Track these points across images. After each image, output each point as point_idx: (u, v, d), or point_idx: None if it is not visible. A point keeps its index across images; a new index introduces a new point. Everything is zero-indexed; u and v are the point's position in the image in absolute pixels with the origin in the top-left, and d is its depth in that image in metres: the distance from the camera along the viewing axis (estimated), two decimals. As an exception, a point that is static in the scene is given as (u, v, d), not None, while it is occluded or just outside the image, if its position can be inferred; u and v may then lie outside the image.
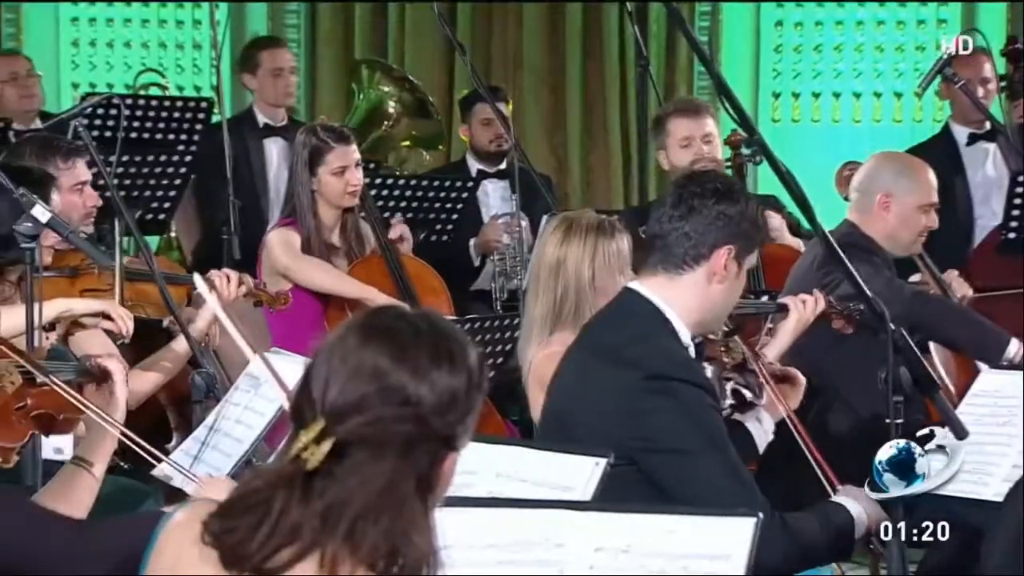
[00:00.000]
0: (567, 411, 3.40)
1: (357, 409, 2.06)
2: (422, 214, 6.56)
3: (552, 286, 4.25)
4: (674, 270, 3.35)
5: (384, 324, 2.10)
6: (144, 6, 8.78)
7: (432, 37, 8.67)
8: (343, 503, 2.06)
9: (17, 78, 7.06)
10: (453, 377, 2.09)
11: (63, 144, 4.82)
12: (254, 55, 7.22)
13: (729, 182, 3.49)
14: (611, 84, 8.68)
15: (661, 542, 2.43)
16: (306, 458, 2.05)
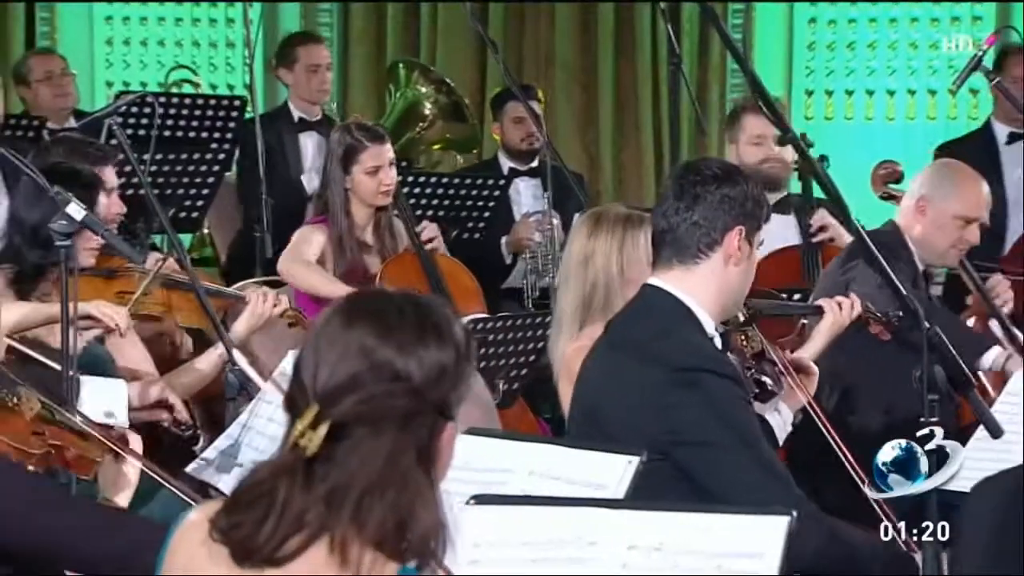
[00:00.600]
0: (596, 408, 3.40)
1: (349, 388, 2.07)
2: (454, 212, 6.56)
3: (581, 279, 4.27)
4: (690, 260, 3.36)
5: (367, 305, 2.12)
6: (177, 5, 8.82)
7: (464, 36, 8.67)
8: (346, 484, 2.06)
9: (52, 77, 7.09)
10: (440, 351, 2.10)
11: (91, 150, 4.83)
12: (292, 50, 7.23)
13: (726, 165, 3.50)
14: (643, 82, 8.67)
15: (694, 540, 2.42)
16: (304, 445, 2.05)
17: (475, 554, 2.54)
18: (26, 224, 4.41)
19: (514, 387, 5.39)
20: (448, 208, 6.56)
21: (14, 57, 8.42)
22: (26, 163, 3.87)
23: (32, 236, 4.38)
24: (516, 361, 5.35)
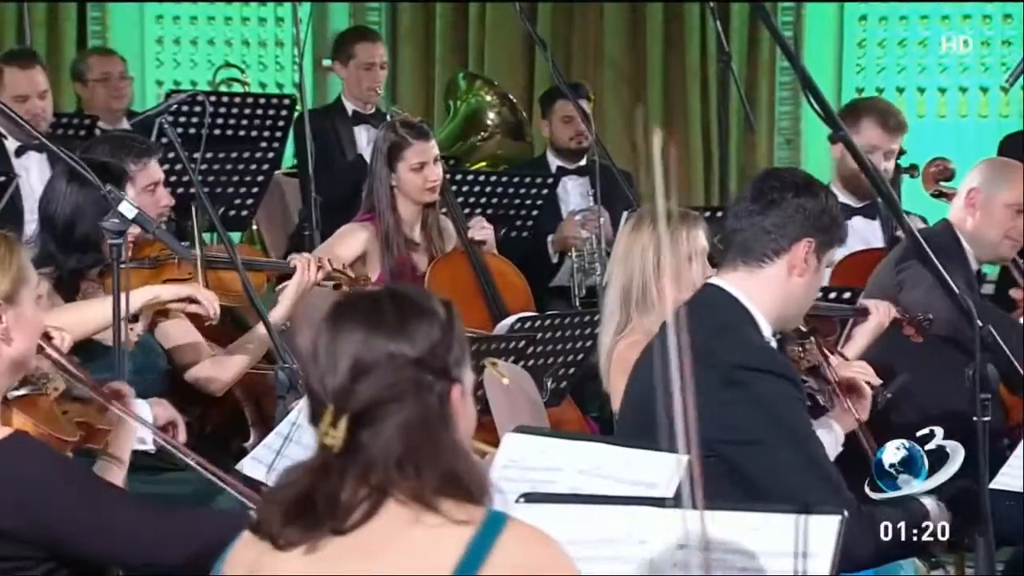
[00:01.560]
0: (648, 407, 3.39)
1: (355, 380, 2.18)
2: (502, 211, 6.56)
3: (623, 274, 4.30)
4: (754, 263, 3.35)
5: (349, 309, 2.25)
6: (227, 4, 8.87)
7: (512, 34, 8.67)
8: (381, 460, 2.16)
9: (109, 79, 7.12)
10: (425, 326, 2.22)
11: (136, 144, 4.86)
12: (348, 46, 7.22)
13: (808, 177, 3.48)
14: (692, 80, 8.65)
15: (745, 539, 2.42)
16: (330, 443, 2.16)
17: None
18: (58, 226, 4.43)
19: (562, 385, 5.38)
20: (496, 206, 6.56)
21: (66, 56, 8.49)
22: (78, 161, 3.89)
23: (65, 238, 4.40)
24: (564, 360, 5.34)
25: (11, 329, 2.90)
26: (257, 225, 7.12)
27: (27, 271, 2.97)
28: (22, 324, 2.93)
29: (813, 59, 8.48)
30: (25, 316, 2.93)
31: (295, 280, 4.85)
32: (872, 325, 4.36)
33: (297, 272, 4.86)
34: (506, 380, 4.54)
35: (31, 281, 2.98)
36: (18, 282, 2.92)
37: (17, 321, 2.91)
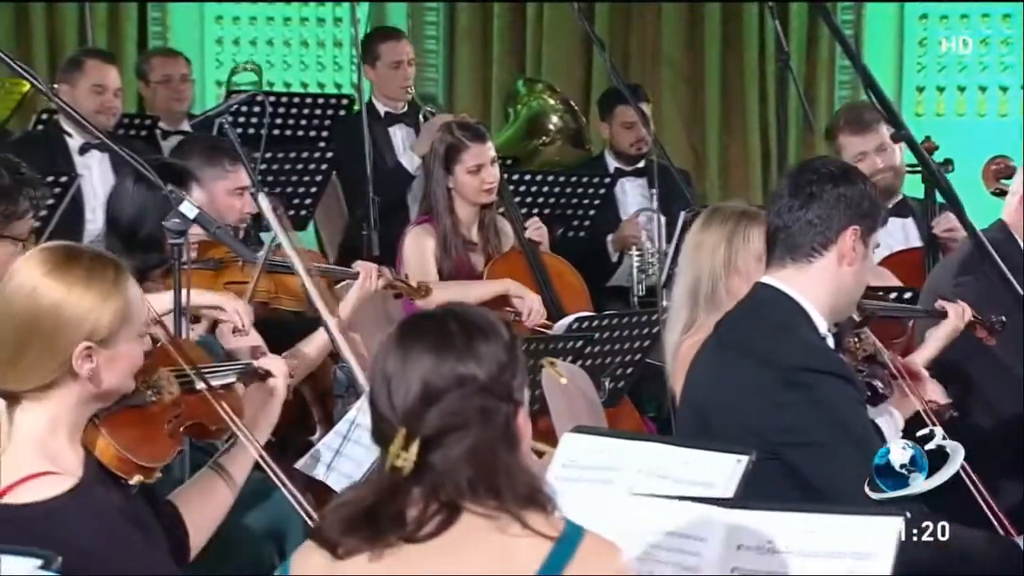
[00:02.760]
0: (706, 406, 3.39)
1: (426, 404, 2.22)
2: (560, 211, 6.56)
3: (690, 269, 4.26)
4: (803, 259, 3.34)
5: (417, 332, 2.28)
6: (286, 4, 8.90)
7: (569, 34, 8.67)
8: (451, 478, 2.21)
9: (171, 81, 7.16)
10: (492, 347, 2.25)
11: (230, 148, 4.91)
12: (374, 47, 7.19)
13: (843, 164, 3.47)
14: (750, 78, 8.61)
15: (804, 540, 2.40)
16: (400, 465, 2.21)
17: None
18: (122, 226, 4.46)
19: (620, 385, 5.38)
20: (554, 206, 6.56)
21: (127, 57, 8.56)
22: (140, 161, 3.91)
23: (129, 238, 4.43)
24: (622, 360, 5.34)
25: (101, 370, 2.80)
26: (315, 224, 7.15)
27: (132, 308, 2.82)
28: (114, 364, 2.81)
29: (873, 58, 8.43)
30: (118, 356, 2.81)
31: (356, 287, 4.88)
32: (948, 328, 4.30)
33: (360, 279, 4.88)
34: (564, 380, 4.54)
35: (135, 319, 2.83)
36: (118, 323, 2.79)
37: (109, 362, 2.80)
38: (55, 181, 5.43)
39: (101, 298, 2.78)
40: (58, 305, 2.76)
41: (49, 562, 2.38)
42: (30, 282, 2.78)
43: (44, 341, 2.76)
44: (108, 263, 2.83)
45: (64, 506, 2.74)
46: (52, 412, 2.80)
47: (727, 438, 3.16)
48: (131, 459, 2.92)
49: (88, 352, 2.78)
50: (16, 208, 3.53)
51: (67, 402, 2.81)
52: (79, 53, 6.67)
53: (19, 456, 2.76)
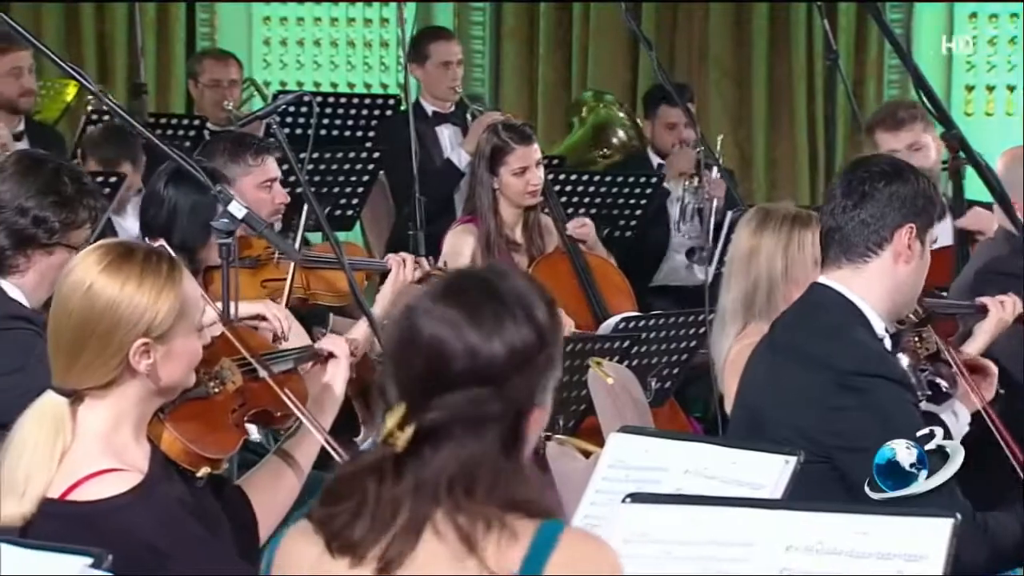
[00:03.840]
0: (758, 408, 3.37)
1: (433, 392, 2.10)
2: (606, 211, 6.55)
3: (744, 276, 4.21)
4: (858, 259, 3.31)
5: (452, 293, 2.13)
6: (333, 4, 8.93)
7: (615, 33, 8.66)
8: (434, 478, 2.10)
9: (219, 84, 7.20)
10: (520, 329, 2.11)
11: (254, 142, 4.92)
12: (423, 47, 7.20)
13: (896, 162, 3.44)
14: (798, 77, 8.58)
15: (854, 542, 2.39)
16: (392, 443, 2.10)
17: (626, 551, 2.53)
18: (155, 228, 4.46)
19: (666, 386, 5.37)
20: (600, 206, 6.56)
21: (175, 58, 8.62)
22: (190, 163, 3.93)
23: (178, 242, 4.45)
24: (668, 360, 5.33)
25: (159, 366, 2.80)
26: (361, 224, 7.17)
27: (187, 303, 2.83)
28: (172, 359, 2.82)
29: (923, 55, 8.38)
30: (175, 351, 2.81)
31: (390, 279, 4.89)
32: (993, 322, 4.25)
33: (392, 271, 4.89)
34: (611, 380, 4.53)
35: (191, 314, 2.84)
36: (173, 318, 2.79)
37: (167, 357, 2.81)
38: (104, 182, 5.46)
39: (156, 293, 2.78)
40: (114, 302, 2.77)
41: (100, 560, 2.38)
42: (85, 280, 2.79)
43: (101, 339, 2.77)
44: (162, 259, 2.84)
45: (128, 503, 2.74)
46: (115, 409, 2.81)
47: (779, 440, 3.15)
48: (198, 452, 2.94)
49: (145, 348, 2.79)
50: (76, 217, 3.54)
51: (129, 398, 2.82)
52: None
53: (84, 454, 2.77)
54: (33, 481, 2.73)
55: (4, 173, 3.60)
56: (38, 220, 3.53)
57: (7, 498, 2.73)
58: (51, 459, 2.74)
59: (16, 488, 2.73)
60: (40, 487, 2.73)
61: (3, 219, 3.54)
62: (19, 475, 2.73)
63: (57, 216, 3.53)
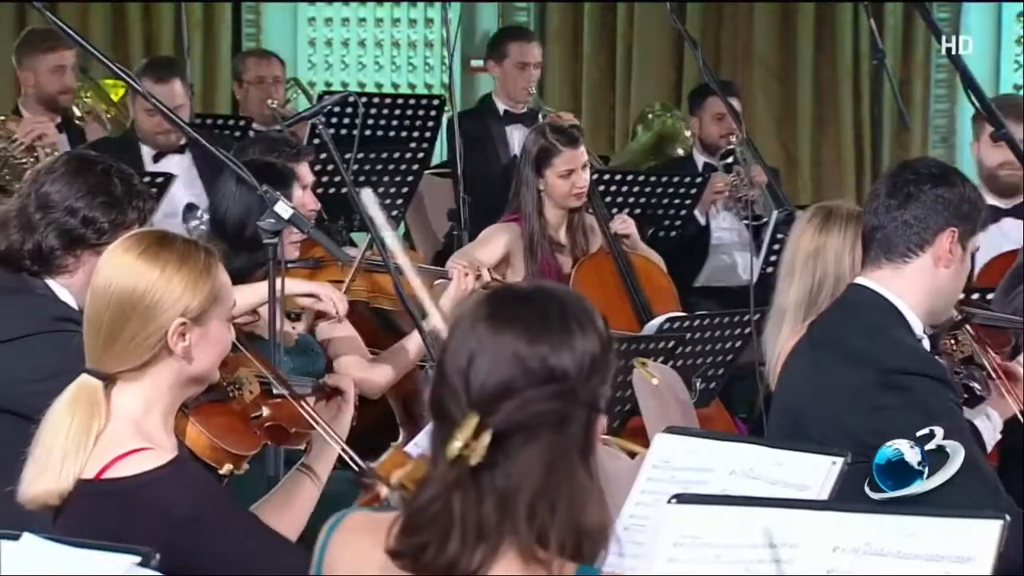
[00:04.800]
0: (799, 407, 3.36)
1: (506, 395, 2.07)
2: (650, 210, 6.54)
3: (809, 273, 4.18)
4: (899, 260, 3.31)
5: (510, 309, 2.12)
6: (378, 5, 8.96)
7: (660, 32, 8.65)
8: (516, 489, 2.07)
9: (263, 82, 7.22)
10: (587, 340, 2.11)
11: (288, 147, 4.93)
12: (503, 45, 7.20)
13: (942, 166, 3.43)
14: (844, 77, 8.55)
15: (902, 543, 2.38)
16: (467, 455, 2.05)
17: (674, 553, 2.53)
18: (227, 225, 4.50)
19: (711, 386, 5.36)
20: (644, 206, 6.54)
21: (221, 58, 8.66)
22: (236, 162, 3.95)
23: (235, 238, 4.47)
24: (713, 360, 5.31)
25: (194, 348, 2.85)
26: (406, 223, 7.19)
27: (222, 291, 2.90)
28: (206, 343, 2.87)
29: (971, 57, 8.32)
30: (210, 336, 2.87)
31: (451, 288, 4.89)
32: None
33: (453, 280, 4.89)
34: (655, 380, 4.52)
35: (225, 301, 2.91)
36: (210, 302, 2.85)
37: (201, 340, 2.86)
38: (152, 181, 5.50)
39: (194, 277, 2.85)
40: (153, 284, 2.82)
41: (148, 559, 2.39)
42: (124, 264, 2.85)
43: (139, 320, 2.82)
44: (199, 246, 2.91)
45: (164, 476, 2.78)
46: (147, 393, 2.85)
47: (821, 439, 3.14)
48: (222, 447, 2.98)
49: (182, 328, 2.83)
50: (125, 218, 3.56)
51: (162, 383, 2.86)
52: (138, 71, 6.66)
53: (116, 435, 2.82)
54: (68, 461, 2.77)
55: (54, 174, 3.62)
56: (87, 220, 3.55)
57: (43, 476, 2.78)
58: (86, 440, 2.78)
59: (52, 467, 2.77)
60: (75, 467, 2.77)
61: (53, 219, 3.57)
62: (55, 455, 2.78)
63: (106, 216, 3.55)
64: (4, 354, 3.50)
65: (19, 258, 3.59)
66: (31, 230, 3.57)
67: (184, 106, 6.40)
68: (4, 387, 3.44)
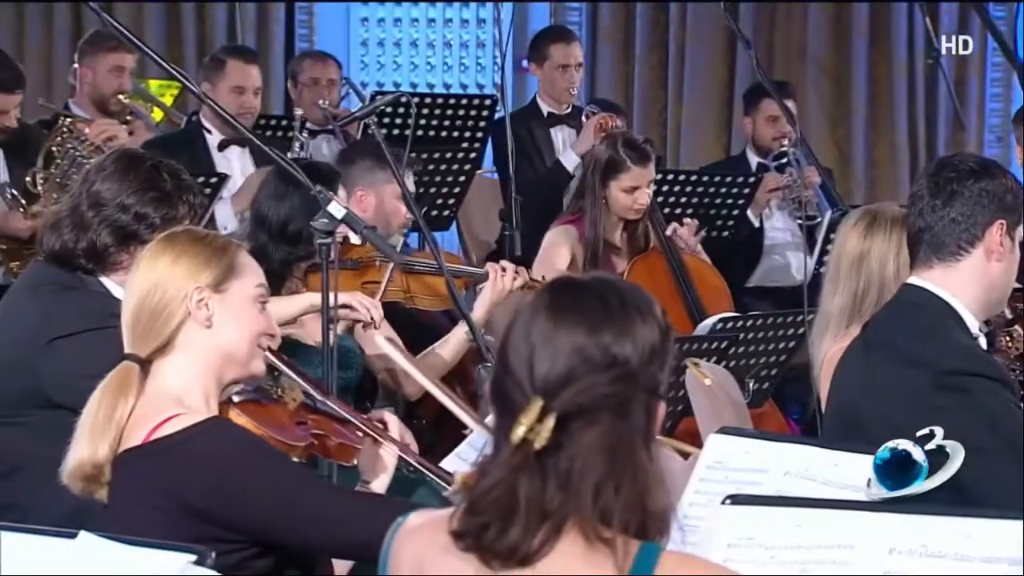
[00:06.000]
0: (854, 410, 3.34)
1: (569, 380, 2.10)
2: (703, 210, 6.52)
3: (854, 278, 4.15)
4: (950, 258, 3.28)
5: (569, 301, 2.15)
6: (431, 6, 8.97)
7: (712, 31, 8.62)
8: (580, 471, 2.10)
9: (318, 84, 7.24)
10: (647, 329, 2.14)
11: (400, 154, 4.98)
12: (544, 47, 7.21)
13: (980, 159, 3.40)
14: (898, 76, 8.49)
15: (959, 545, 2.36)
16: (532, 439, 2.08)
17: (729, 554, 2.52)
18: (272, 221, 4.52)
19: (764, 387, 5.34)
20: (696, 206, 6.53)
21: (274, 58, 8.69)
22: (289, 162, 3.97)
23: (279, 233, 4.49)
24: (767, 360, 5.30)
25: (216, 316, 2.94)
26: (458, 223, 7.19)
27: (244, 268, 3.00)
28: (230, 315, 2.95)
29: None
30: (234, 308, 2.95)
31: (488, 288, 4.90)
32: None
33: (489, 280, 4.90)
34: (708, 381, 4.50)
35: (247, 277, 2.99)
36: (229, 273, 2.95)
37: (224, 309, 2.94)
38: (205, 181, 5.53)
39: (207, 253, 2.97)
40: (175, 260, 2.95)
41: (204, 558, 2.41)
42: (147, 255, 2.99)
43: (157, 295, 2.93)
44: (217, 235, 3.08)
45: (206, 429, 2.87)
46: (183, 371, 2.95)
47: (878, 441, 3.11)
48: (270, 434, 3.01)
49: (199, 294, 2.94)
50: (176, 213, 3.60)
51: (194, 358, 2.95)
52: (221, 52, 6.77)
53: (157, 406, 2.90)
54: (98, 433, 2.88)
55: (104, 172, 3.66)
56: (139, 216, 3.59)
57: (77, 450, 2.89)
58: (114, 413, 2.88)
59: (83, 440, 2.89)
60: (106, 438, 2.87)
61: (105, 216, 3.60)
62: (86, 429, 2.89)
63: (158, 212, 3.59)
64: (60, 350, 3.54)
65: (73, 257, 3.63)
66: (84, 228, 3.61)
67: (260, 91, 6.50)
68: (59, 383, 3.48)
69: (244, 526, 2.85)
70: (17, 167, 6.03)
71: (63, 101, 6.75)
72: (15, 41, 8.49)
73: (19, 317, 3.69)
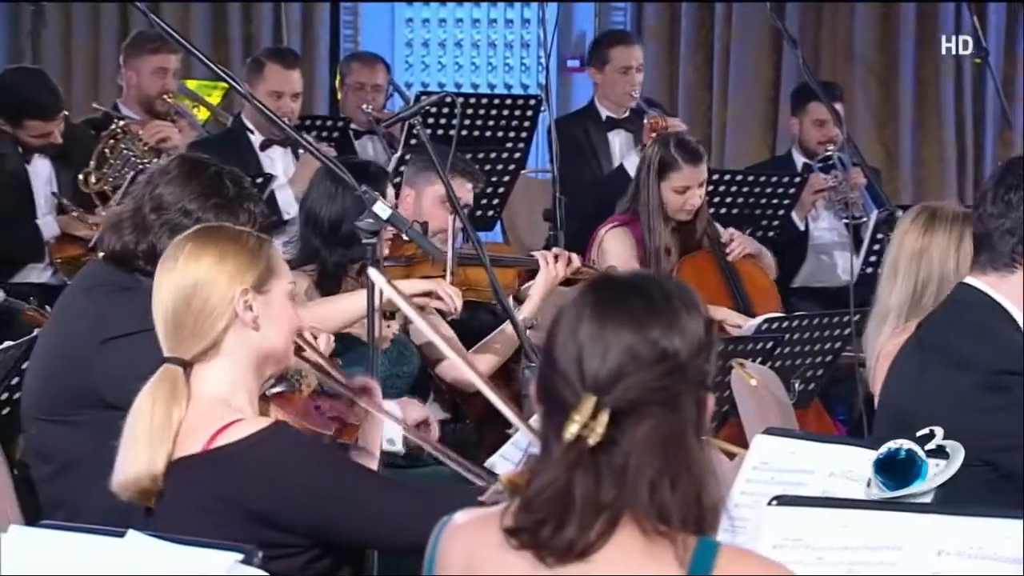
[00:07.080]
0: (905, 410, 3.31)
1: (620, 376, 2.10)
2: (748, 210, 6.50)
3: (913, 274, 4.13)
4: (1004, 268, 3.25)
5: (615, 296, 2.16)
6: (475, 6, 8.98)
7: (758, 31, 8.59)
8: (635, 466, 2.09)
9: (363, 87, 7.26)
10: (693, 322, 2.15)
11: (459, 162, 5.00)
12: (604, 51, 7.18)
13: None
14: (945, 75, 8.43)
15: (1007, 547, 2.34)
16: (586, 435, 2.08)
17: (775, 555, 2.51)
18: (323, 223, 4.54)
19: (810, 387, 5.32)
20: (743, 206, 6.51)
21: (318, 58, 8.72)
22: (334, 163, 3.98)
23: (330, 235, 4.51)
24: (812, 361, 5.27)
25: (261, 318, 2.95)
26: (502, 224, 7.19)
27: (279, 267, 3.01)
28: (273, 315, 2.96)
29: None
30: (275, 308, 2.97)
31: (540, 276, 4.90)
32: None
33: (541, 268, 4.90)
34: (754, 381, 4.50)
35: (283, 276, 3.01)
36: (269, 273, 2.97)
37: (267, 310, 2.95)
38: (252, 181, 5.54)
39: (248, 252, 2.97)
40: (209, 265, 2.94)
41: (251, 557, 2.41)
42: (181, 255, 2.97)
43: (202, 298, 2.92)
44: (248, 232, 3.06)
45: (271, 435, 2.88)
46: (228, 373, 2.95)
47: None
48: (308, 426, 3.04)
49: (245, 296, 2.94)
50: (236, 219, 3.60)
51: (239, 360, 2.95)
52: (263, 54, 6.81)
53: (207, 412, 2.90)
54: (156, 444, 2.86)
55: (168, 175, 3.69)
56: (200, 222, 3.60)
57: (135, 462, 2.86)
58: (170, 423, 2.87)
59: (141, 452, 2.86)
60: (164, 449, 2.86)
61: (167, 219, 3.63)
62: (142, 440, 2.87)
63: (218, 218, 3.60)
64: (115, 350, 3.56)
65: (133, 258, 3.66)
66: (145, 231, 3.64)
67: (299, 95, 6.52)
68: (112, 383, 3.49)
69: (313, 529, 2.87)
70: (64, 170, 6.07)
71: (111, 101, 6.79)
72: (63, 42, 8.56)
73: (74, 317, 3.72)
